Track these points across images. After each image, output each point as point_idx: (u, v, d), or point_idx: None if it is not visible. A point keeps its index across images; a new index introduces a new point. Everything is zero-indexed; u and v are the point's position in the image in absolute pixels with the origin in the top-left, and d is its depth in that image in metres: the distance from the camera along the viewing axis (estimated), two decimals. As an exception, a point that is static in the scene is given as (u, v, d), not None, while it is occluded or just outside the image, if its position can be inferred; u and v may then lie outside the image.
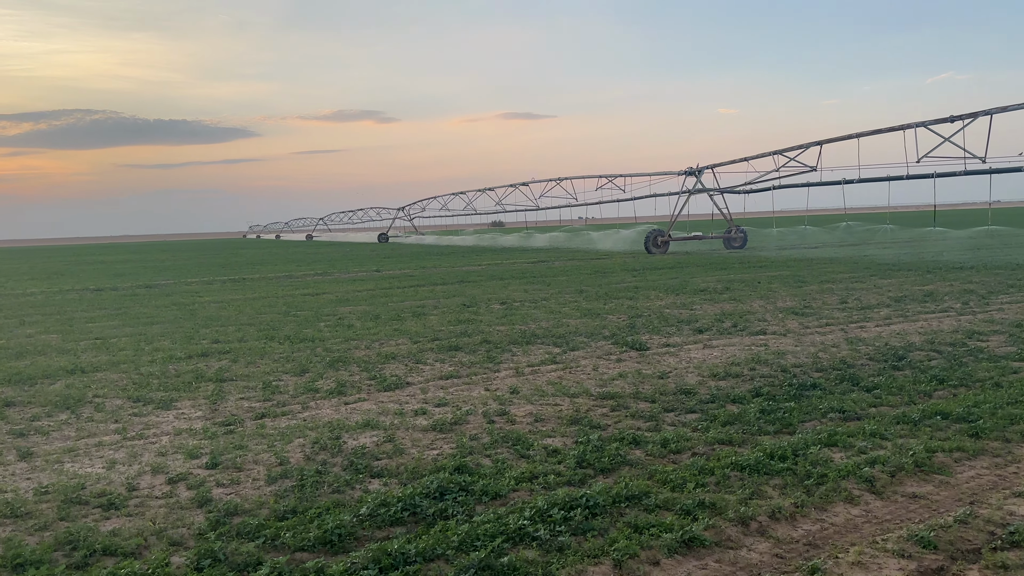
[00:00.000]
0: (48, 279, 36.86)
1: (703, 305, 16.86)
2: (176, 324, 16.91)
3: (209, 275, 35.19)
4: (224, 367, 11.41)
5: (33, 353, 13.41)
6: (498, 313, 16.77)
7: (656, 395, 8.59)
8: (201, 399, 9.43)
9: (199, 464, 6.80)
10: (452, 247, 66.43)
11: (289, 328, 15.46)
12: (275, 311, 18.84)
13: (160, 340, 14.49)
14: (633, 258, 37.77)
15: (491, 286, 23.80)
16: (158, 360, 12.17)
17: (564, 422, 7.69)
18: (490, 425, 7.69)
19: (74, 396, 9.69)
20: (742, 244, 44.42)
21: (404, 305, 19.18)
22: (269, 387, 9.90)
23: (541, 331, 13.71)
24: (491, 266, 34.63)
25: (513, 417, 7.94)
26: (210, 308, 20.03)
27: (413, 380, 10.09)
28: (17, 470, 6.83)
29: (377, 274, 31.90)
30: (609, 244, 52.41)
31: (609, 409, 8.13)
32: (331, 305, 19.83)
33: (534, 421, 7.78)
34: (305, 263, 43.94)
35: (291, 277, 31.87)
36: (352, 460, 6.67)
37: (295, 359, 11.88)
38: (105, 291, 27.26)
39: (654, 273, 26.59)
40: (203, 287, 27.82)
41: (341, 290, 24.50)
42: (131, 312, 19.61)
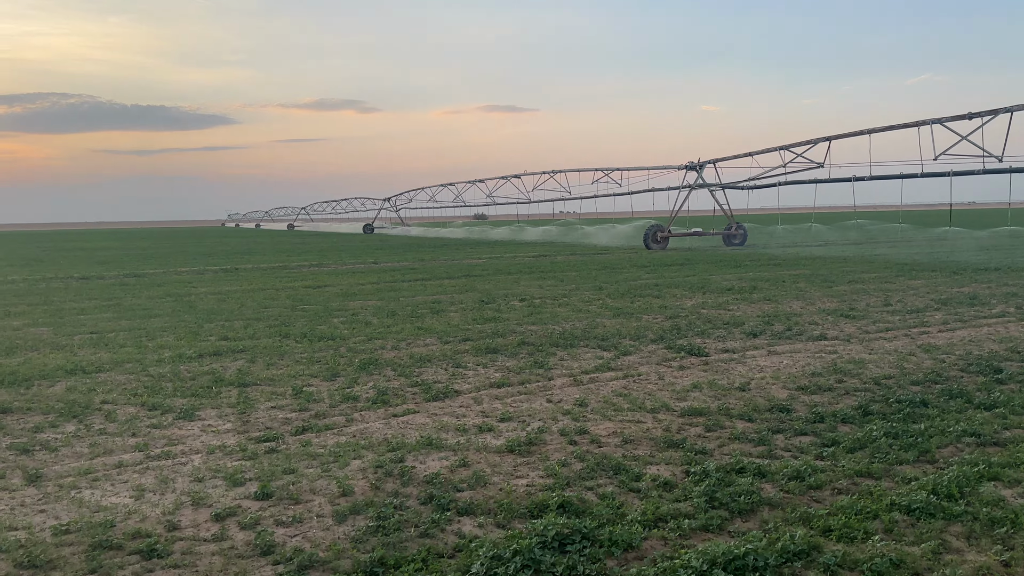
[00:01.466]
0: (27, 266, 35.27)
1: (739, 305, 15.95)
2: (176, 317, 15.71)
3: (197, 264, 33.80)
4: (243, 369, 10.29)
5: (24, 348, 12.19)
6: (522, 311, 15.76)
7: (749, 412, 7.63)
8: (226, 407, 8.33)
9: (246, 494, 5.73)
10: (442, 239, 65.24)
11: (301, 324, 14.33)
12: (279, 305, 17.68)
13: (162, 336, 13.32)
14: (635, 253, 36.88)
15: (501, 281, 22.77)
16: (166, 359, 11.02)
17: (659, 444, 6.70)
18: (574, 447, 6.68)
19: (79, 402, 8.55)
20: (742, 241, 43.72)
21: (417, 300, 18.10)
22: (301, 394, 8.82)
23: (579, 332, 12.72)
24: (492, 260, 33.58)
25: (596, 437, 6.94)
26: (208, 300, 18.81)
27: (460, 388, 9.05)
28: (27, 498, 5.72)
29: (376, 266, 30.74)
30: (605, 239, 51.49)
31: (703, 429, 7.16)
32: (338, 299, 18.70)
33: (623, 443, 6.79)
34: (296, 253, 42.61)
35: (285, 268, 30.61)
36: (430, 491, 5.63)
37: (320, 360, 10.79)
38: (91, 280, 25.87)
39: (666, 270, 25.69)
40: (195, 277, 26.51)
41: (343, 283, 23.34)
42: (124, 303, 18.34)
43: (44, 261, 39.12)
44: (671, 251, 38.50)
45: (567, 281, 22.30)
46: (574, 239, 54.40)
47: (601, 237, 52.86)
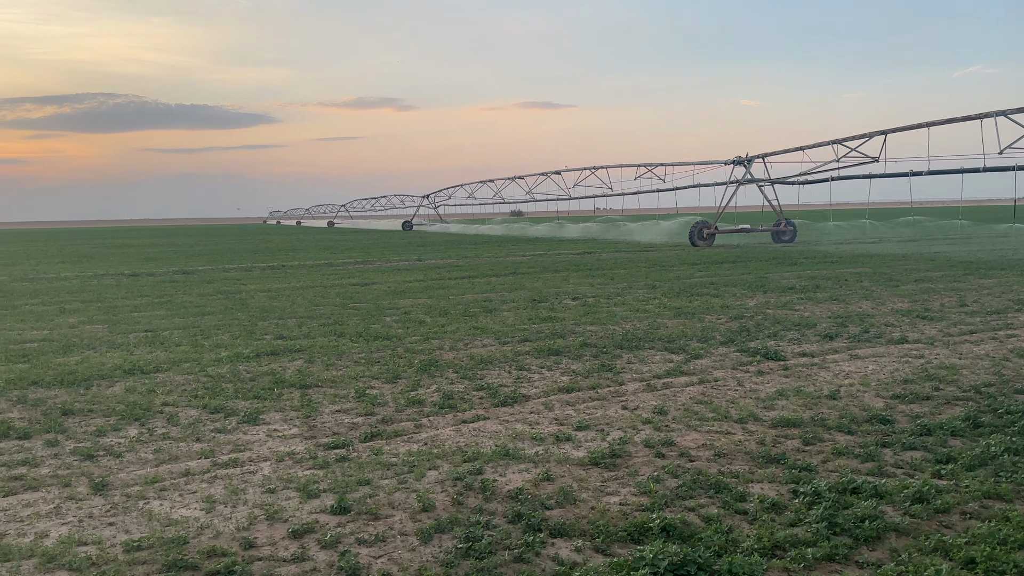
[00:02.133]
0: (79, 263, 35.82)
1: (805, 305, 15.30)
2: (229, 315, 15.59)
3: (244, 261, 33.98)
4: (302, 369, 10.03)
5: (81, 347, 12.11)
6: (577, 310, 15.32)
7: (847, 424, 7.09)
8: (290, 411, 8.05)
9: (322, 507, 5.40)
10: (482, 236, 65.00)
11: (354, 323, 14.08)
12: (330, 302, 17.48)
13: (217, 334, 13.16)
14: (682, 250, 36.15)
15: (549, 279, 22.34)
16: (224, 359, 10.82)
17: (755, 459, 6.22)
18: (663, 460, 6.23)
19: (140, 404, 8.34)
20: (791, 238, 42.66)
21: (466, 299, 17.77)
22: (365, 397, 8.50)
23: (641, 333, 12.24)
24: (537, 257, 33.16)
25: (685, 449, 6.48)
26: (259, 298, 18.71)
27: (528, 392, 8.66)
28: (95, 509, 5.46)
29: (420, 263, 30.54)
30: (649, 236, 50.70)
31: (801, 442, 6.65)
32: (388, 297, 18.45)
33: (715, 456, 6.32)
34: (339, 250, 42.68)
35: (331, 265, 30.57)
36: (517, 509, 5.24)
37: (379, 361, 10.49)
38: (141, 276, 26.06)
39: (719, 268, 25.00)
40: (243, 274, 26.56)
41: (390, 280, 23.14)
42: (176, 301, 18.32)
43: (94, 258, 39.73)
44: (719, 248, 37.67)
45: (617, 279, 21.79)
46: (616, 236, 53.71)
47: (644, 234, 52.10)
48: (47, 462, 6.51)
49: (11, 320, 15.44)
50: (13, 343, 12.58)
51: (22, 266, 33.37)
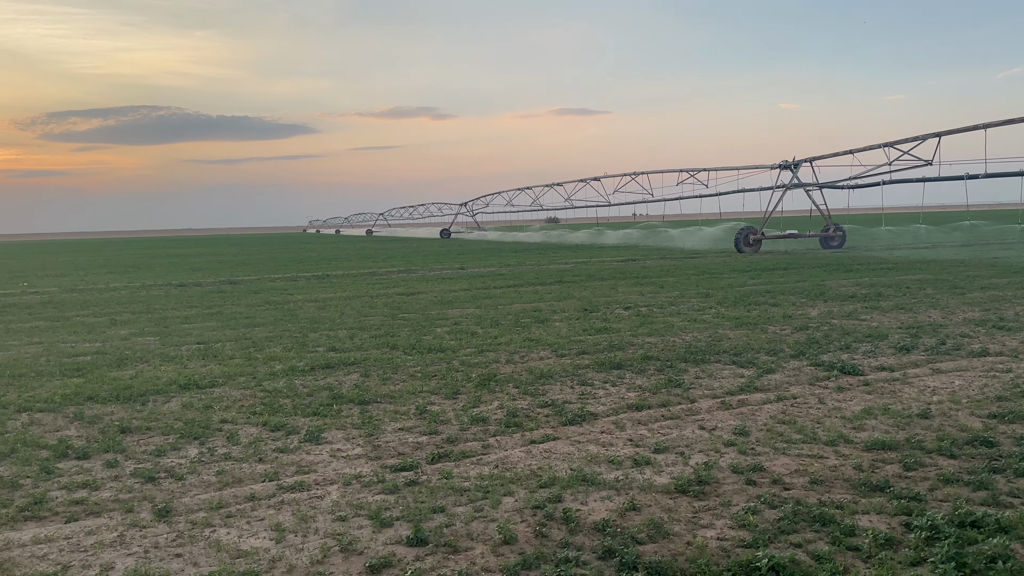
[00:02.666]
0: (126, 273, 36.36)
1: (871, 314, 14.66)
2: (279, 326, 15.48)
3: (288, 271, 34.14)
4: (359, 384, 9.78)
5: (134, 360, 12.05)
6: (631, 320, 14.88)
7: (947, 446, 6.58)
8: (351, 428, 7.78)
9: (397, 538, 5.09)
10: (521, 244, 64.73)
11: (406, 334, 13.84)
12: (379, 313, 17.30)
13: (269, 346, 13.02)
14: (728, 257, 35.43)
15: (597, 287, 21.92)
16: (279, 373, 10.63)
17: (856, 487, 5.76)
18: (755, 488, 5.81)
19: (198, 421, 8.15)
20: (840, 244, 41.61)
21: (515, 308, 17.44)
22: (426, 414, 8.21)
23: (704, 345, 11.78)
24: (580, 264, 32.73)
25: (777, 476, 6.04)
26: (308, 308, 18.61)
27: (596, 410, 8.27)
28: (160, 538, 5.22)
29: (463, 272, 30.32)
30: (692, 242, 49.92)
31: (901, 467, 6.17)
32: (436, 307, 18.21)
33: (812, 484, 5.87)
34: (381, 259, 42.74)
35: (374, 274, 30.51)
36: (606, 543, 4.87)
37: (435, 375, 10.20)
38: (189, 287, 26.25)
39: (771, 275, 24.32)
40: (289, 284, 26.60)
41: (436, 289, 22.92)
42: (226, 311, 18.31)
43: (141, 268, 40.33)
44: (766, 254, 36.85)
45: (667, 287, 21.30)
46: (657, 242, 53.02)
47: (687, 240, 51.32)
48: (108, 484, 6.32)
49: (64, 332, 15.52)
50: (67, 356, 12.57)
51: (71, 277, 33.95)
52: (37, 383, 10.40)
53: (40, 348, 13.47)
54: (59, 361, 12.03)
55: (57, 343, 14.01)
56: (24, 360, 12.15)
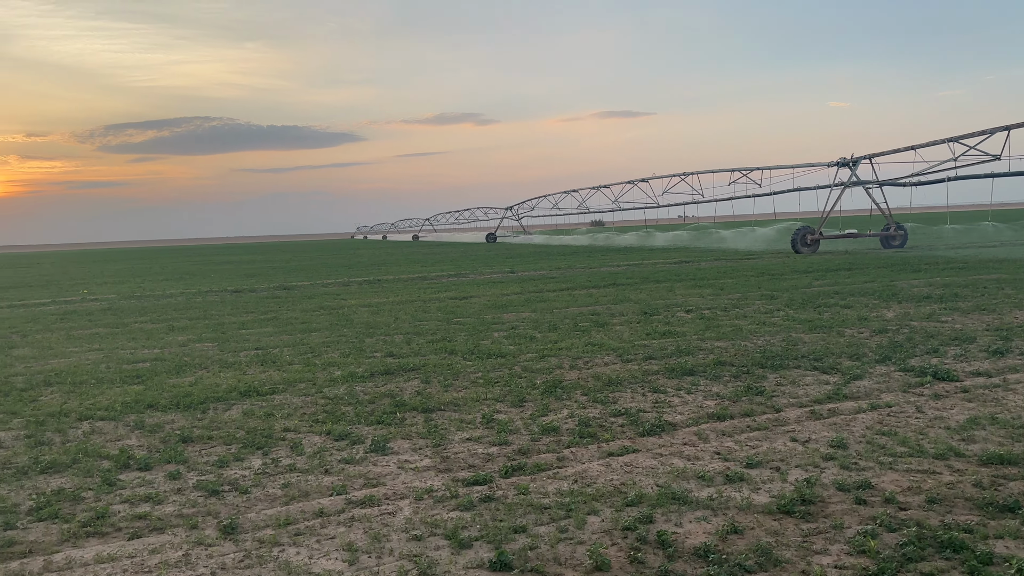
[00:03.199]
0: (182, 280, 36.90)
1: (952, 316, 13.83)
2: (335, 332, 15.30)
3: (340, 276, 34.23)
4: (420, 391, 9.45)
5: (193, 366, 11.94)
6: (696, 323, 14.30)
7: (1078, 461, 5.94)
8: (417, 438, 7.44)
9: (479, 561, 4.69)
10: (568, 247, 64.19)
11: (463, 339, 13.50)
12: (433, 317, 17.01)
13: (327, 351, 12.81)
14: (786, 258, 34.40)
15: (653, 290, 21.32)
16: (339, 379, 10.37)
17: (981, 507, 5.18)
18: (867, 509, 5.26)
19: (260, 430, 7.90)
20: (902, 243, 40.15)
21: (571, 312, 16.99)
22: (494, 423, 7.83)
23: (779, 349, 11.16)
24: (633, 267, 32.09)
25: (889, 494, 5.48)
26: (362, 313, 18.44)
27: (674, 419, 7.78)
28: (227, 558, 4.92)
29: (514, 276, 29.96)
30: (745, 243, 48.80)
31: (1029, 484, 5.55)
32: (491, 311, 17.85)
33: (929, 503, 5.31)
34: (430, 264, 42.67)
35: (425, 279, 30.35)
36: (712, 572, 4.39)
37: (498, 382, 9.82)
38: (244, 293, 26.41)
39: (835, 275, 23.39)
40: (342, 289, 26.57)
41: (488, 293, 22.59)
42: (281, 317, 18.24)
43: (196, 275, 40.95)
44: (824, 255, 35.70)
45: (728, 289, 20.60)
46: (709, 244, 51.97)
47: (739, 241, 50.22)
48: (171, 498, 6.07)
49: (123, 338, 15.58)
50: (126, 363, 12.54)
51: (129, 284, 34.57)
52: (97, 390, 10.32)
53: (100, 355, 13.49)
54: (119, 368, 11.99)
55: (116, 350, 14.03)
56: (84, 367, 12.15)
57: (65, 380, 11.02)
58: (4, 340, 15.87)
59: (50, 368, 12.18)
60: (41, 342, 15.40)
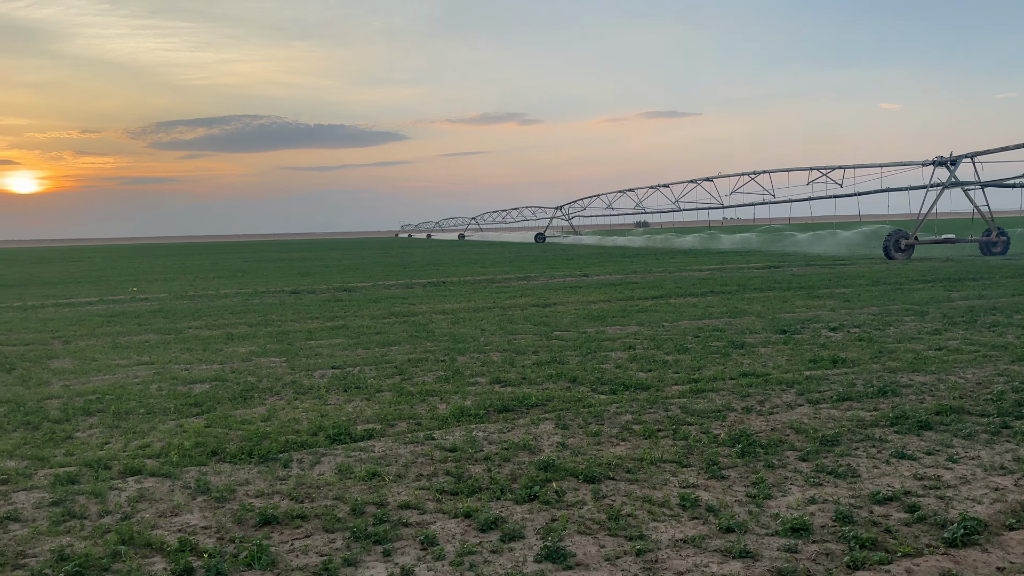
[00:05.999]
0: (234, 278, 35.29)
1: None
2: (417, 345, 13.08)
3: (398, 277, 32.20)
4: (563, 442, 7.11)
5: (262, 391, 9.79)
6: (859, 347, 11.75)
7: None
8: (602, 533, 5.08)
9: None
10: (626, 248, 61.54)
11: (576, 361, 11.16)
12: (525, 331, 14.69)
13: (417, 374, 10.58)
14: (881, 264, 31.39)
15: (765, 300, 18.70)
16: (447, 418, 8.09)
17: None
18: None
19: (368, 505, 5.65)
20: (1004, 250, 36.73)
21: (686, 327, 14.54)
22: (699, 509, 5.44)
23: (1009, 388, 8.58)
24: (717, 272, 29.39)
25: None
26: (440, 323, 16.21)
27: (975, 511, 5.31)
28: None
29: (588, 280, 27.55)
30: (823, 247, 45.61)
31: None
32: (588, 323, 15.46)
33: None
34: (488, 265, 40.47)
35: (492, 281, 28.09)
36: None
37: (661, 429, 7.43)
38: (303, 295, 24.44)
39: (964, 285, 20.50)
40: (406, 291, 24.45)
41: (571, 300, 20.20)
42: (351, 325, 16.09)
43: (248, 272, 39.36)
44: (923, 261, 32.61)
45: (853, 301, 17.92)
46: (783, 248, 48.84)
47: (817, 245, 47.03)
48: (261, 648, 3.81)
49: (176, 349, 13.57)
50: (182, 383, 10.46)
51: (180, 281, 33.03)
52: (147, 425, 8.21)
53: (150, 371, 11.46)
54: (172, 391, 9.90)
55: (170, 364, 11.99)
56: (132, 389, 10.08)
57: (108, 408, 8.94)
58: (43, 348, 13.98)
59: (91, 388, 10.16)
60: (84, 351, 13.47)
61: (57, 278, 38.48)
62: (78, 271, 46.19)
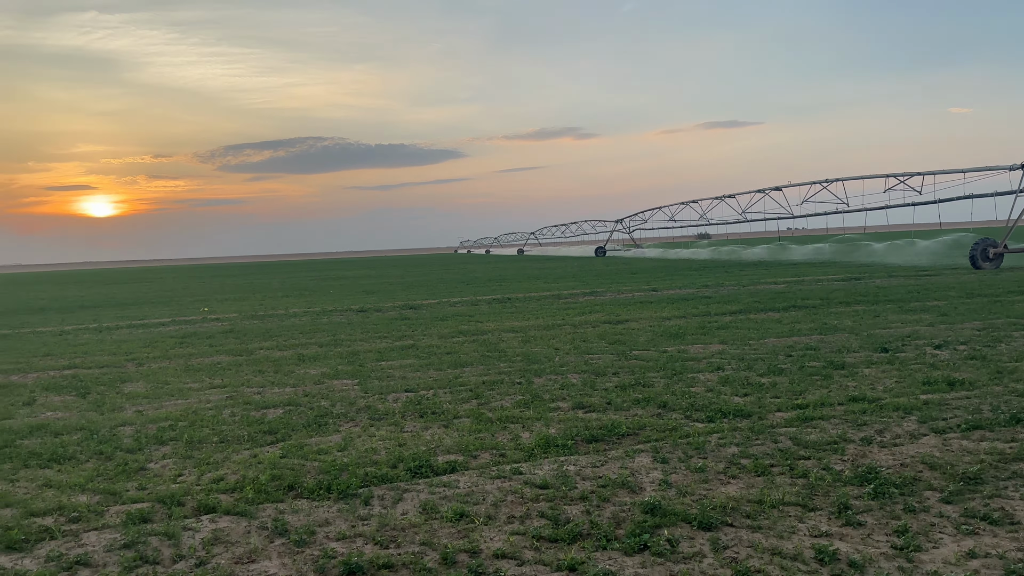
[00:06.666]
0: (301, 296, 35.55)
1: None
2: (490, 366, 12.56)
3: (462, 293, 31.87)
4: (665, 479, 6.45)
5: (336, 417, 9.39)
6: (975, 368, 10.75)
7: None
8: (732, 598, 4.42)
9: None
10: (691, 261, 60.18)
11: (662, 384, 10.46)
12: (601, 350, 14.03)
13: (494, 397, 10.05)
14: (970, 274, 29.65)
15: (853, 315, 17.60)
16: (533, 449, 7.51)
17: None
18: None
19: (459, 553, 5.10)
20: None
21: (774, 345, 13.66)
22: (839, 565, 4.72)
23: None
24: (794, 285, 28.14)
25: None
26: (510, 341, 15.68)
27: None
28: None
29: (658, 295, 26.69)
30: (902, 257, 43.62)
31: None
32: (666, 341, 14.70)
33: None
34: (551, 280, 39.88)
35: (558, 297, 27.49)
36: None
37: (775, 464, 6.70)
38: (370, 312, 24.27)
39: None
40: (472, 309, 24.04)
41: (644, 316, 19.42)
42: (420, 345, 15.69)
43: (315, 291, 39.66)
44: (1012, 271, 30.68)
45: (950, 315, 16.70)
46: (859, 258, 46.92)
47: (896, 255, 45.01)
48: None
49: (248, 371, 13.36)
50: (255, 408, 10.15)
51: (249, 301, 33.40)
52: (221, 455, 7.86)
53: (223, 394, 11.22)
54: (246, 416, 9.59)
55: (242, 387, 11.75)
56: (205, 414, 9.81)
57: (181, 436, 8.65)
58: (117, 371, 13.97)
59: (164, 414, 9.93)
60: (157, 374, 13.38)
61: (131, 299, 39.46)
62: (151, 292, 47.41)
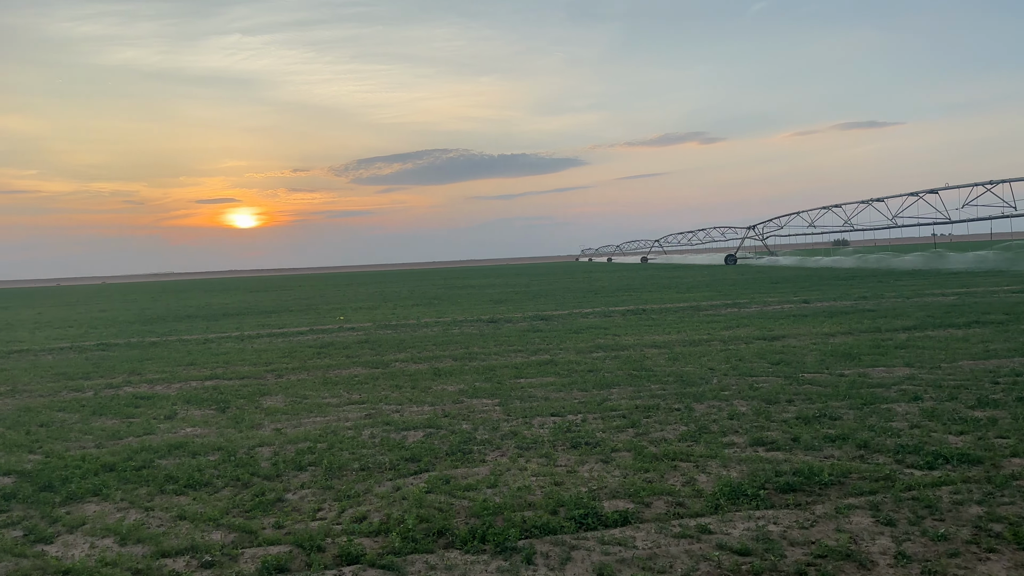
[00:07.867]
0: (430, 305, 35.56)
1: None
2: (639, 387, 11.41)
3: (592, 303, 30.74)
4: (900, 550, 5.12)
5: (481, 444, 8.55)
6: None
7: None
8: None
9: None
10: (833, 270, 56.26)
11: (851, 416, 8.98)
12: (762, 371, 12.53)
13: (652, 427, 8.90)
14: None
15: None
16: (717, 499, 6.34)
17: None
18: None
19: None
20: None
21: (970, 368, 11.76)
22: None
23: None
24: (965, 297, 25.17)
25: None
26: (655, 358, 14.44)
27: None
28: None
29: (810, 307, 24.53)
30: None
31: None
32: (837, 362, 13.00)
33: None
34: (685, 290, 38.00)
35: (698, 309, 25.83)
36: None
37: (1016, 520, 5.22)
38: (500, 323, 23.61)
39: None
40: (606, 320, 22.88)
41: (801, 332, 17.61)
42: (559, 360, 14.72)
43: (443, 300, 39.69)
44: None
45: None
46: None
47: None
48: None
49: (385, 385, 12.84)
50: (395, 429, 9.49)
51: (382, 309, 33.68)
52: (363, 485, 7.16)
53: (361, 412, 10.67)
54: (386, 439, 8.92)
55: (380, 404, 11.18)
56: (344, 435, 9.23)
57: (321, 461, 8.05)
58: (257, 383, 13.83)
59: (303, 434, 9.42)
60: (295, 387, 13.11)
61: (271, 306, 40.90)
62: (290, 299, 49.18)
